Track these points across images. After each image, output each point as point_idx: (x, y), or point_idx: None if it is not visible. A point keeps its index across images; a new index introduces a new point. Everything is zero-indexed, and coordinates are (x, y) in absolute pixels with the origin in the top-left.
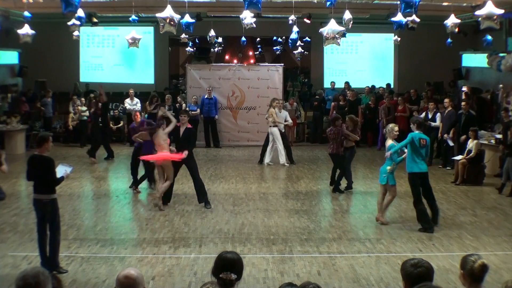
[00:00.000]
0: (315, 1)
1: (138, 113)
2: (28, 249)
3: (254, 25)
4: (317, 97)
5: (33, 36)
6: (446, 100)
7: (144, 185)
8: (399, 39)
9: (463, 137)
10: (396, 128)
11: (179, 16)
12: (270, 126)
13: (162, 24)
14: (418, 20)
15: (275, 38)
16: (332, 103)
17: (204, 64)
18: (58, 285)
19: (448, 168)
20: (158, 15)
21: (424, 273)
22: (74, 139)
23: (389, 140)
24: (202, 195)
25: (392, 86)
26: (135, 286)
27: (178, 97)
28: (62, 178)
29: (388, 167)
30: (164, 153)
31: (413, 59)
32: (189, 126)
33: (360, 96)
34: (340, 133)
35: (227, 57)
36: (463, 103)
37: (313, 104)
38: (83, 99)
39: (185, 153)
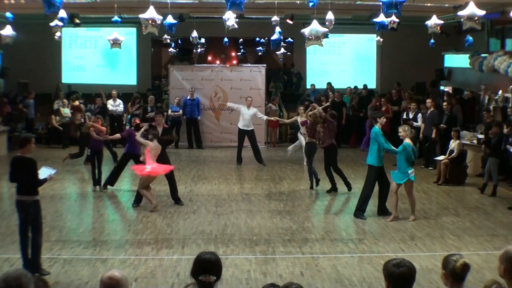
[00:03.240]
0: (298, 2)
1: (138, 119)
2: (10, 251)
3: (236, 26)
4: (307, 97)
5: (15, 37)
6: (428, 100)
7: (126, 185)
8: (381, 39)
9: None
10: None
11: (161, 17)
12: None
13: (144, 25)
14: (397, 20)
15: (257, 39)
16: (311, 105)
17: (186, 65)
18: (45, 287)
19: (430, 168)
20: (141, 16)
21: (407, 272)
22: (56, 141)
23: (407, 139)
24: (176, 193)
25: (369, 87)
26: (119, 287)
27: (159, 103)
28: (45, 180)
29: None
30: (155, 165)
31: (396, 59)
32: (165, 126)
33: (345, 97)
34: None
35: (209, 58)
36: (444, 104)
37: (304, 105)
38: (65, 100)
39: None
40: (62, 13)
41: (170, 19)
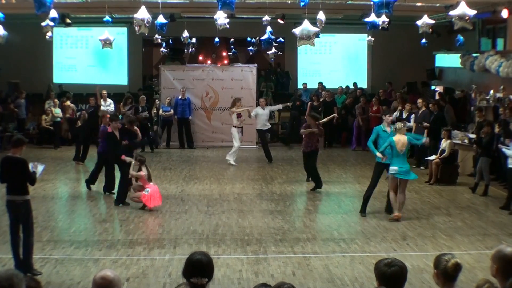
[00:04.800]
0: (289, 2)
1: (108, 115)
2: (2, 252)
3: (228, 26)
4: (299, 97)
5: (6, 37)
6: (419, 100)
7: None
8: (372, 39)
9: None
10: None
11: (150, 17)
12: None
13: (139, 24)
14: (387, 20)
15: (249, 38)
16: (309, 103)
17: (178, 65)
18: (37, 286)
19: (421, 168)
20: (136, 16)
21: (398, 272)
22: (48, 141)
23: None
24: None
25: (359, 86)
26: (111, 287)
27: (156, 100)
28: (34, 173)
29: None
30: (155, 188)
31: (387, 59)
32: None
33: (336, 96)
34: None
35: (200, 58)
36: (431, 105)
37: (295, 104)
38: (56, 100)
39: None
40: (53, 13)
41: (161, 19)
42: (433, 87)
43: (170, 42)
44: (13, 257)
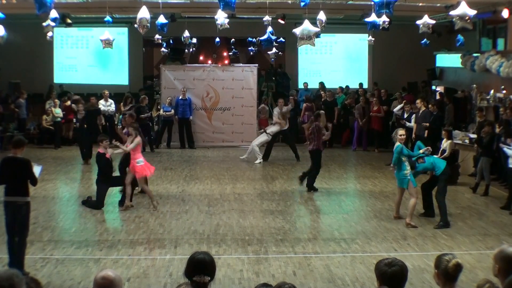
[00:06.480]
0: (290, 2)
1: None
2: (1, 252)
3: (228, 26)
4: (291, 97)
5: (6, 37)
6: (418, 100)
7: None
8: (373, 39)
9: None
10: (401, 132)
11: (149, 18)
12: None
13: (143, 24)
14: (388, 20)
15: (249, 39)
16: (304, 104)
17: (178, 65)
18: (37, 286)
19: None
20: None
21: (398, 272)
22: (48, 141)
23: (397, 142)
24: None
25: (364, 86)
26: (112, 287)
27: (156, 102)
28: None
29: (405, 171)
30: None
31: (387, 59)
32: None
33: (336, 97)
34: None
35: (201, 58)
36: (430, 105)
37: None
38: (57, 100)
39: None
40: (54, 13)
41: (161, 19)
42: (433, 87)
43: (171, 42)
44: (9, 257)
